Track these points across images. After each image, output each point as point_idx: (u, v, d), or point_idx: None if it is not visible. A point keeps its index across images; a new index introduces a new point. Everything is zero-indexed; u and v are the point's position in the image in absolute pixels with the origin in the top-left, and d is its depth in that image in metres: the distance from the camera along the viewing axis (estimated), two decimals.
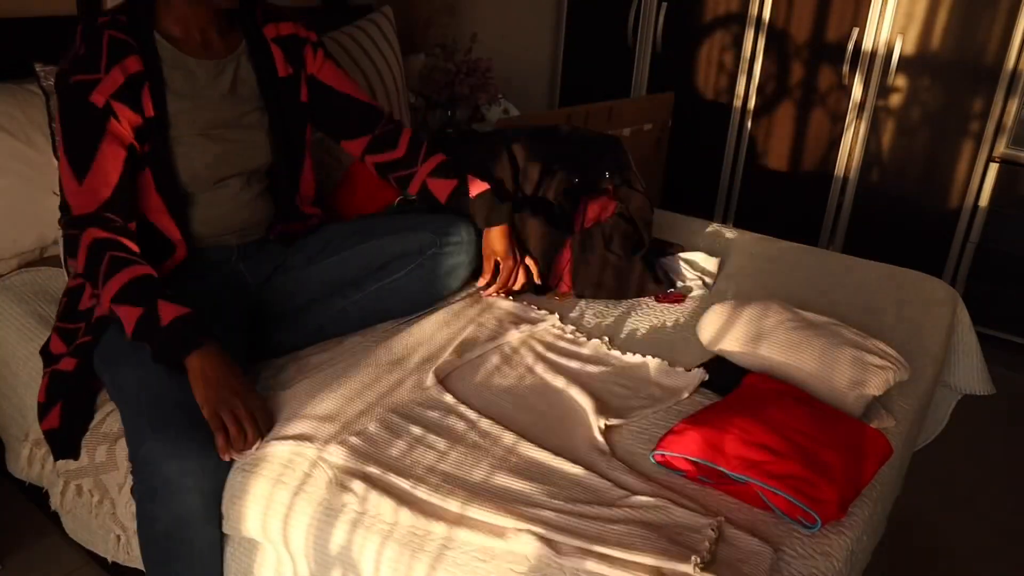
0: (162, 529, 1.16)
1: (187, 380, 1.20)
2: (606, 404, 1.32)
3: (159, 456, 1.13)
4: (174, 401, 1.18)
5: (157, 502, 1.15)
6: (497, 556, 1.01)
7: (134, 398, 1.21)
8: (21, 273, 1.71)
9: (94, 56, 1.32)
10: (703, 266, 1.87)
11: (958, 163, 2.83)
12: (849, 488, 1.11)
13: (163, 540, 1.18)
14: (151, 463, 1.14)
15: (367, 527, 1.07)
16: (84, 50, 1.32)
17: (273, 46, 1.51)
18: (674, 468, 1.17)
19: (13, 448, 1.57)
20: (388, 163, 1.63)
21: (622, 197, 1.77)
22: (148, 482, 1.15)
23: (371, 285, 1.54)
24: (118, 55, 1.33)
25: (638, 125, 3.07)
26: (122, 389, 1.25)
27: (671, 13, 3.28)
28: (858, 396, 1.30)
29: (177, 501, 1.14)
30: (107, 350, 1.32)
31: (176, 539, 1.17)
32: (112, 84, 1.32)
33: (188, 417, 1.16)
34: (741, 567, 0.99)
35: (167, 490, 1.14)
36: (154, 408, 1.17)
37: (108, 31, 1.33)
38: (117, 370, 1.28)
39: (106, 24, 1.34)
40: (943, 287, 1.88)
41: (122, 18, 1.36)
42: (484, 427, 1.25)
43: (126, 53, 1.33)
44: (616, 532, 1.02)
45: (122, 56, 1.33)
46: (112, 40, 1.33)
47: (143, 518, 1.18)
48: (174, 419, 1.16)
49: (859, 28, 2.89)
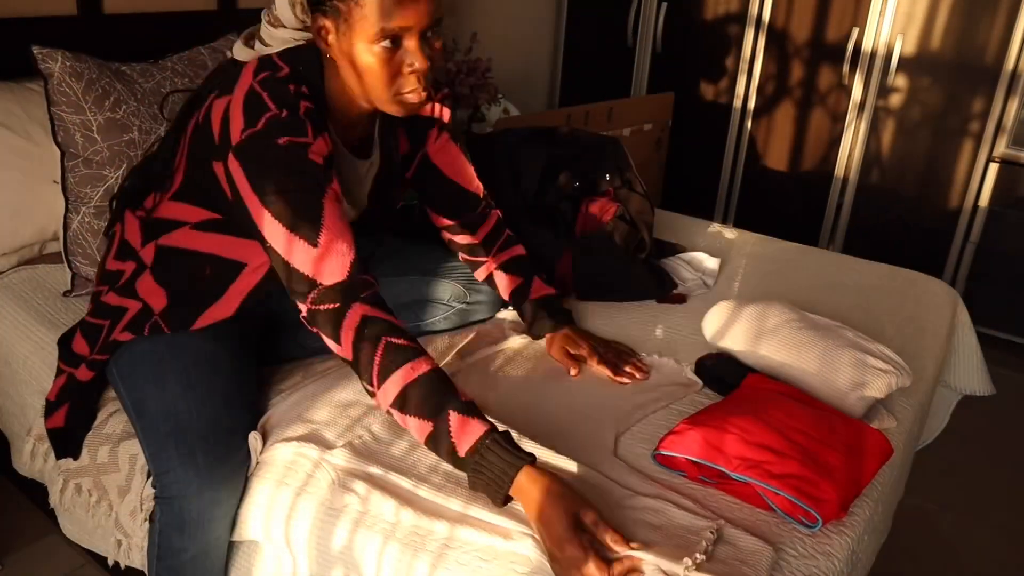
0: (188, 559, 1.16)
1: (208, 402, 1.17)
2: (618, 406, 1.32)
3: (190, 490, 1.12)
4: (199, 430, 1.15)
5: (187, 535, 1.14)
6: (499, 556, 1.01)
7: (156, 424, 1.18)
8: (20, 270, 1.71)
9: (297, 123, 1.10)
10: (704, 266, 1.87)
11: (958, 163, 2.84)
12: (850, 488, 1.11)
13: (188, 570, 1.17)
14: (181, 497, 1.13)
15: (369, 527, 1.07)
16: (287, 115, 1.10)
17: (400, 126, 1.36)
18: (675, 468, 1.17)
19: (15, 444, 1.57)
20: (461, 245, 1.52)
21: (622, 199, 1.77)
22: (178, 515, 1.13)
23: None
24: (317, 128, 1.13)
25: (638, 125, 3.07)
26: (141, 412, 1.21)
27: (671, 13, 3.28)
28: (859, 397, 1.30)
29: (206, 531, 1.14)
30: (124, 364, 1.26)
31: (199, 567, 1.17)
32: (322, 149, 1.12)
33: (216, 445, 1.14)
34: (741, 567, 0.99)
35: (198, 521, 1.13)
36: (178, 436, 1.15)
37: (303, 102, 1.13)
38: (135, 388, 1.23)
39: (300, 95, 1.13)
40: (943, 287, 1.88)
41: (304, 89, 1.14)
42: None
43: (319, 129, 1.14)
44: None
45: (318, 131, 1.13)
46: (308, 111, 1.13)
47: (167, 549, 1.16)
48: (202, 447, 1.13)
49: (859, 28, 2.89)
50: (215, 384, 1.21)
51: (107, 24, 1.99)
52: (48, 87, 1.65)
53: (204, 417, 1.17)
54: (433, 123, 1.42)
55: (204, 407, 1.17)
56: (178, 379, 1.20)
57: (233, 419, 1.19)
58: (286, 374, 1.39)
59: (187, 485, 1.12)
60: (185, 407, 1.17)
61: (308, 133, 1.11)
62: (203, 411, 1.17)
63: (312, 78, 1.17)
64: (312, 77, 1.17)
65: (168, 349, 1.24)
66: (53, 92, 1.65)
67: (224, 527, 1.16)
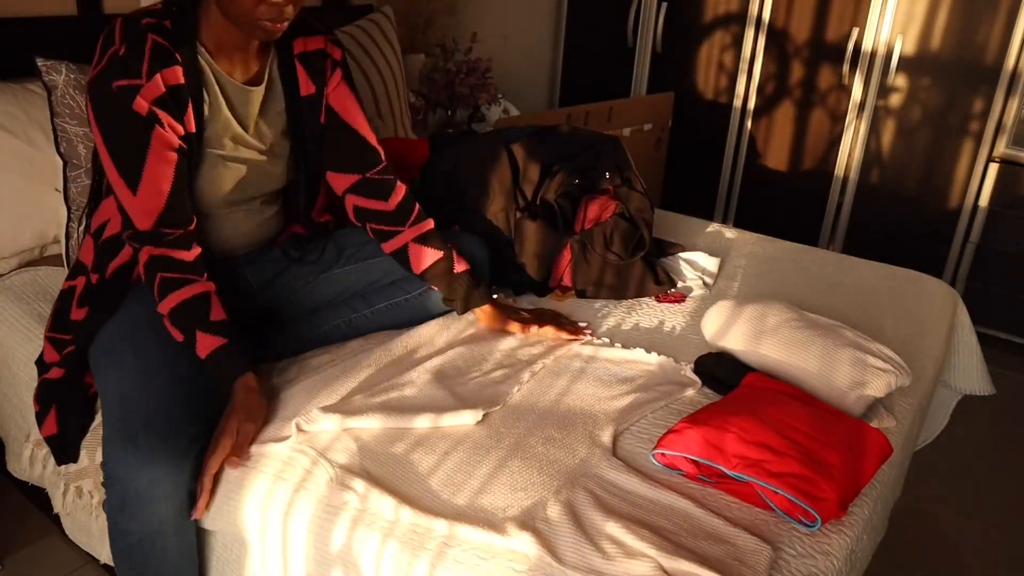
0: (135, 542, 1.16)
1: (163, 385, 1.21)
2: (615, 407, 1.33)
3: (128, 467, 1.13)
4: (146, 411, 1.17)
5: (127, 514, 1.15)
6: (498, 554, 1.01)
7: (111, 409, 1.21)
8: (21, 273, 1.71)
9: (134, 60, 1.22)
10: (704, 266, 1.87)
11: (958, 163, 2.83)
12: (849, 487, 1.11)
13: (136, 553, 1.18)
14: (121, 474, 1.14)
15: (368, 525, 1.07)
16: (125, 51, 1.22)
17: (297, 62, 1.43)
18: (674, 467, 1.17)
19: (13, 449, 1.57)
20: (371, 212, 1.51)
21: (622, 197, 1.77)
22: (119, 495, 1.14)
23: (380, 301, 1.53)
24: (160, 64, 1.24)
25: (638, 125, 3.07)
26: (103, 398, 1.25)
27: (671, 13, 3.28)
28: (859, 397, 1.30)
29: (148, 512, 1.14)
30: (96, 354, 1.32)
31: (148, 551, 1.17)
32: (154, 91, 1.24)
33: (159, 427, 1.15)
34: (740, 567, 0.99)
35: (137, 501, 1.13)
36: (126, 419, 1.17)
37: (152, 35, 1.24)
38: (101, 377, 1.28)
39: (150, 27, 1.24)
40: (943, 287, 1.88)
41: (166, 23, 1.26)
42: (487, 427, 1.25)
43: (168, 63, 1.25)
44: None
45: (163, 65, 1.24)
46: (155, 46, 1.24)
47: (115, 532, 1.18)
48: (144, 429, 1.15)
49: (859, 28, 2.89)
50: (173, 368, 1.24)
51: (107, 24, 1.98)
52: (52, 98, 1.67)
53: (153, 400, 1.19)
54: (326, 58, 1.46)
55: (155, 390, 1.20)
56: (137, 362, 1.24)
57: (184, 403, 1.21)
58: (279, 370, 1.39)
59: (126, 465, 1.13)
60: (136, 390, 1.20)
61: (142, 72, 1.23)
62: (153, 394, 1.19)
63: (185, 7, 1.30)
64: (185, 6, 1.30)
65: (135, 332, 1.29)
66: (57, 104, 1.66)
67: (168, 510, 1.15)
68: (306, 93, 1.44)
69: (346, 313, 1.52)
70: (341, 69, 1.48)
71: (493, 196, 1.72)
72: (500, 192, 1.72)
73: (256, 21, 1.24)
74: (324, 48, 1.45)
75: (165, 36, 1.25)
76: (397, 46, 2.54)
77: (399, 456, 1.17)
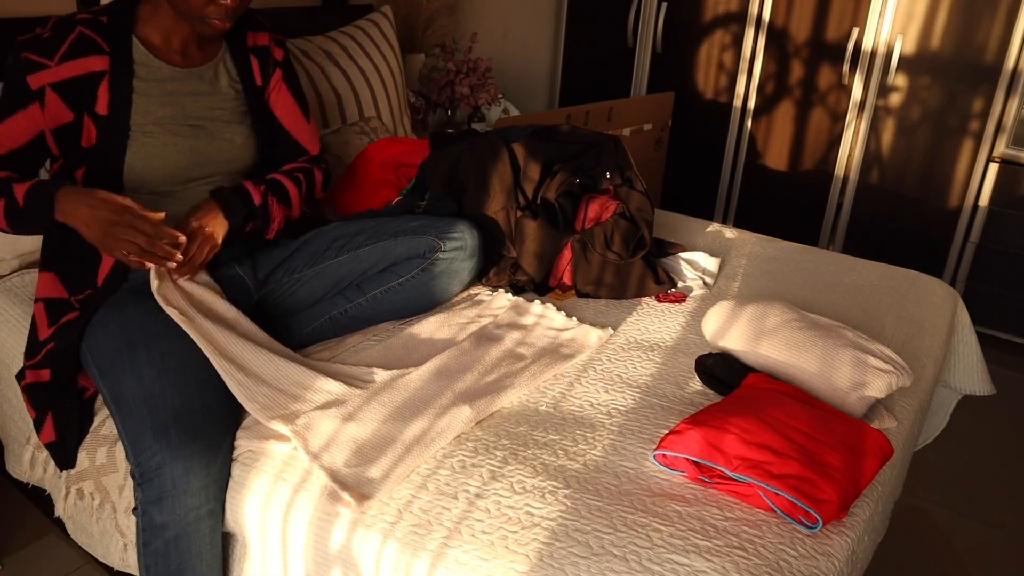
0: (171, 537, 1.16)
1: (183, 383, 1.21)
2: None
3: (164, 458, 1.13)
4: (173, 408, 1.18)
5: (164, 507, 1.15)
6: (498, 555, 1.01)
7: (132, 410, 1.20)
8: (22, 274, 1.70)
9: (53, 45, 1.33)
10: (704, 266, 1.87)
11: (958, 163, 2.84)
12: (850, 488, 1.11)
13: (172, 551, 1.17)
14: (157, 465, 1.14)
15: (368, 526, 1.07)
16: (48, 35, 1.34)
17: (251, 55, 1.55)
18: (675, 468, 1.17)
19: (13, 451, 1.56)
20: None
21: (622, 197, 1.77)
22: (156, 488, 1.15)
23: (374, 288, 1.55)
24: (79, 53, 1.34)
25: (638, 125, 3.07)
26: (119, 401, 1.24)
27: (671, 13, 3.28)
28: (859, 397, 1.30)
29: (183, 504, 1.14)
30: (100, 359, 1.30)
31: (184, 548, 1.17)
32: (55, 76, 1.33)
33: (187, 421, 1.17)
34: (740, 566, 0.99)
35: (174, 492, 1.14)
36: (154, 416, 1.17)
37: (81, 27, 1.35)
38: (113, 380, 1.26)
39: (82, 21, 1.36)
40: (943, 287, 1.88)
41: (103, 19, 1.37)
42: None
43: (89, 52, 1.35)
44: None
45: (83, 54, 1.35)
46: (81, 36, 1.35)
47: (150, 531, 1.17)
48: (174, 423, 1.16)
49: (859, 28, 2.89)
50: (190, 369, 1.24)
51: None
52: None
53: (178, 397, 1.20)
54: (270, 56, 1.57)
55: (178, 390, 1.21)
56: (152, 364, 1.24)
57: (208, 401, 1.22)
58: None
59: (161, 458, 1.14)
60: (159, 390, 1.21)
61: (55, 57, 1.33)
62: (177, 392, 1.20)
63: (126, 6, 1.40)
64: (126, 5, 1.41)
65: (142, 335, 1.28)
66: None
67: (201, 500, 1.16)
68: (260, 84, 1.56)
69: (342, 303, 1.54)
70: (282, 70, 1.60)
71: (494, 195, 1.72)
72: (500, 191, 1.72)
73: (204, 18, 1.36)
74: (268, 46, 1.58)
75: (97, 29, 1.36)
76: (397, 46, 2.54)
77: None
